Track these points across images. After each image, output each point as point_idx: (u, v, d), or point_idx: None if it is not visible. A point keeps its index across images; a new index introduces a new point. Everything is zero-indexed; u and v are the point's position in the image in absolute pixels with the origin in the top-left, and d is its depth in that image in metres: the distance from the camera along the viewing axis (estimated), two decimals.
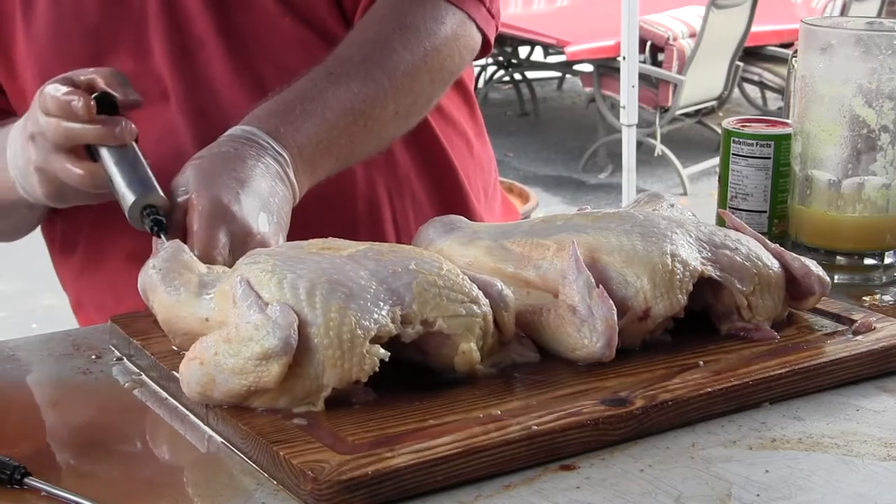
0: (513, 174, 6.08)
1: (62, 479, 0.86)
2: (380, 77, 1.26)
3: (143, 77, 1.28)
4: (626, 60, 4.87)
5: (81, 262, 1.39)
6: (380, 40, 1.28)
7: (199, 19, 1.30)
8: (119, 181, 1.14)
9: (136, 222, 1.13)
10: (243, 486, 0.86)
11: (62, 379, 1.07)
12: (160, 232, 1.11)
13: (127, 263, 1.30)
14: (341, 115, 1.23)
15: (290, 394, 0.91)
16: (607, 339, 0.98)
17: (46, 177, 1.17)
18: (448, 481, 0.84)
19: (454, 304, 0.95)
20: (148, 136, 1.20)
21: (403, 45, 1.27)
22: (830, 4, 7.01)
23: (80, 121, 1.13)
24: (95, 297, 1.39)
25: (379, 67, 1.26)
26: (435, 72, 1.31)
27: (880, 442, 0.91)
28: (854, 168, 1.26)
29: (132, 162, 1.15)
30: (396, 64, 1.27)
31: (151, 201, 1.13)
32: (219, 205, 1.10)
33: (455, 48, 1.33)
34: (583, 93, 7.69)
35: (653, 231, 1.06)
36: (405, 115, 1.31)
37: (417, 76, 1.29)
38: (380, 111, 1.26)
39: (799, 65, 1.29)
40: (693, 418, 0.94)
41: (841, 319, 1.10)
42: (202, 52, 1.30)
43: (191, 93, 1.30)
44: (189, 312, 0.99)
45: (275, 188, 1.15)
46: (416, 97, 1.31)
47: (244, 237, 1.10)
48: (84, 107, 1.13)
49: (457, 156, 1.45)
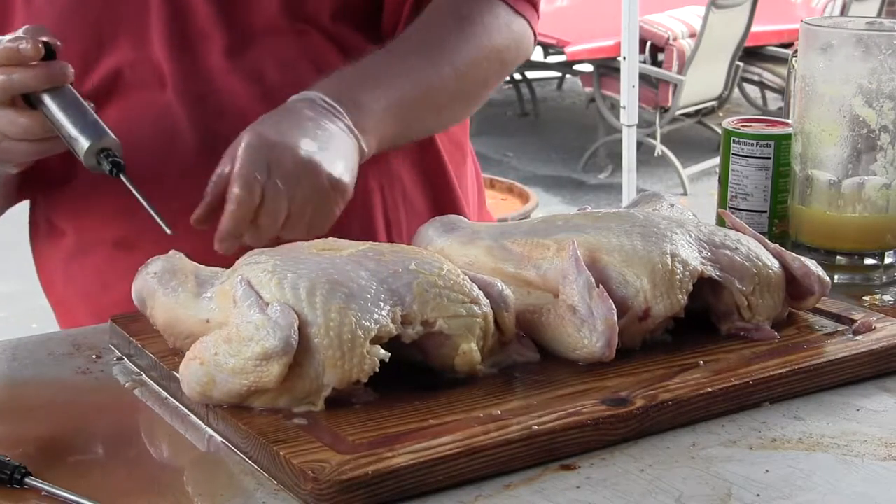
0: (513, 174, 6.08)
1: (62, 479, 0.86)
2: (440, 61, 1.31)
3: (141, 65, 1.30)
4: (626, 60, 4.87)
5: (69, 250, 1.38)
6: (440, 31, 1.33)
7: (200, 12, 1.31)
8: (70, 127, 1.14)
9: (93, 167, 1.14)
10: (243, 486, 0.86)
11: (62, 379, 1.07)
12: (119, 173, 1.12)
13: (114, 251, 1.30)
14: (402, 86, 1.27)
15: (291, 394, 0.91)
16: (607, 339, 0.98)
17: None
18: (448, 481, 0.84)
19: (455, 304, 0.95)
20: (144, 119, 1.21)
21: (464, 38, 1.33)
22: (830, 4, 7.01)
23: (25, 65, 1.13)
24: (81, 286, 1.38)
25: (439, 53, 1.31)
26: (493, 62, 1.37)
27: (880, 442, 0.91)
28: (854, 168, 1.26)
29: (78, 107, 1.15)
30: (455, 52, 1.32)
31: (106, 144, 1.14)
32: (253, 135, 1.11)
33: (512, 44, 1.39)
34: (583, 93, 7.69)
35: (653, 231, 1.06)
36: (464, 100, 1.38)
37: (476, 65, 1.35)
38: (440, 90, 1.31)
39: (799, 65, 1.29)
40: (693, 418, 0.94)
41: (841, 319, 1.10)
42: (202, 44, 1.31)
43: (188, 81, 1.31)
44: (189, 314, 0.99)
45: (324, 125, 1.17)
46: (474, 85, 1.37)
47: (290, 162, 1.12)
48: (33, 48, 1.13)
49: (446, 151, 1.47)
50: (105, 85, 1.31)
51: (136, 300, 1.05)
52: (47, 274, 1.44)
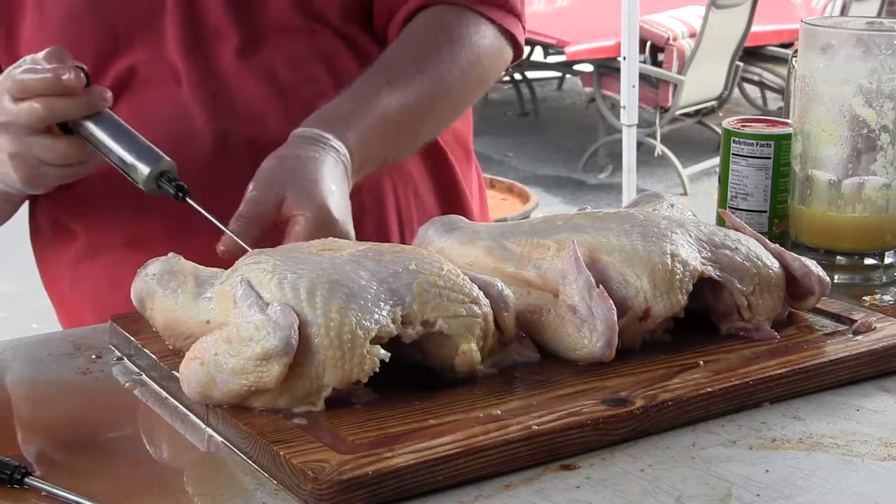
0: (513, 174, 6.08)
1: (62, 479, 0.86)
2: (431, 88, 1.33)
3: (156, 64, 1.31)
4: (626, 60, 4.87)
5: (78, 251, 1.39)
6: (432, 52, 1.35)
7: (214, 11, 1.32)
8: (123, 153, 1.15)
9: (153, 190, 1.15)
10: (243, 486, 0.86)
11: (62, 379, 1.07)
12: (185, 197, 1.13)
13: (126, 252, 1.31)
14: (392, 122, 1.29)
15: (291, 394, 0.91)
16: (607, 339, 0.98)
17: (23, 161, 1.17)
18: (448, 481, 0.84)
19: (455, 304, 0.95)
20: (159, 116, 1.22)
21: (452, 59, 1.35)
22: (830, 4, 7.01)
23: (67, 94, 1.14)
24: (89, 286, 1.38)
25: (430, 79, 1.33)
26: (476, 82, 1.40)
27: (880, 442, 0.91)
28: (854, 168, 1.26)
29: (125, 132, 1.16)
30: (446, 75, 1.34)
31: (165, 168, 1.14)
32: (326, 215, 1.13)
33: (493, 61, 1.41)
34: (583, 93, 7.69)
35: (653, 231, 1.06)
36: (445, 121, 1.41)
37: (462, 87, 1.37)
38: (427, 118, 1.35)
39: (799, 65, 1.29)
40: (693, 418, 0.94)
41: (841, 319, 1.10)
42: (215, 44, 1.33)
43: (202, 79, 1.32)
44: (189, 315, 0.99)
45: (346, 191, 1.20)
46: (457, 105, 1.41)
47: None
48: (76, 78, 1.14)
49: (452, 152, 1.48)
50: (120, 83, 1.32)
51: (135, 302, 1.05)
52: (52, 275, 1.44)
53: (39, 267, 1.46)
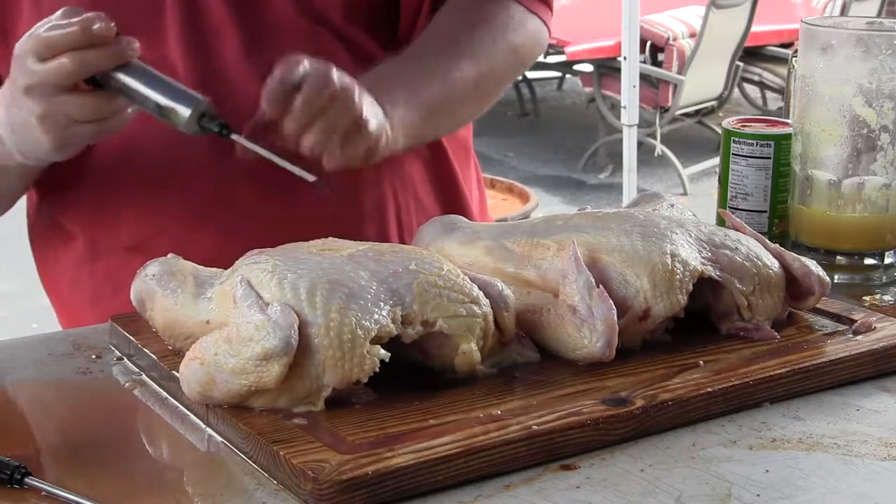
0: (513, 174, 6.08)
1: (62, 479, 0.86)
2: (460, 61, 1.34)
3: (157, 63, 1.30)
4: (626, 60, 4.86)
5: (80, 254, 1.38)
6: (458, 32, 1.36)
7: (215, 11, 1.32)
8: (160, 98, 1.14)
9: (195, 132, 1.14)
10: (243, 486, 0.86)
11: (62, 379, 1.07)
12: (230, 133, 1.13)
13: (128, 255, 1.30)
14: (426, 85, 1.30)
15: (291, 394, 0.91)
16: (607, 339, 0.98)
17: (54, 122, 1.15)
18: (448, 481, 0.84)
19: (455, 304, 0.95)
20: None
21: (481, 37, 1.37)
22: (830, 4, 7.01)
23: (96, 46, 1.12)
24: (90, 289, 1.38)
25: (459, 53, 1.34)
26: (510, 60, 1.41)
27: (880, 442, 0.91)
28: (854, 168, 1.26)
29: (158, 78, 1.15)
30: (474, 51, 1.35)
31: (204, 108, 1.14)
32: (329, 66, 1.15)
33: (528, 41, 1.43)
34: (583, 93, 7.68)
35: (653, 231, 1.06)
36: (482, 98, 1.41)
37: (494, 64, 1.38)
38: (461, 89, 1.35)
39: (799, 65, 1.29)
40: (693, 418, 0.94)
41: (841, 319, 1.10)
42: (217, 44, 1.32)
43: (203, 79, 1.31)
44: (189, 315, 0.99)
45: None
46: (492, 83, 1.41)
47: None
48: (107, 27, 1.12)
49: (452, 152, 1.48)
50: None
51: (135, 302, 1.05)
52: (52, 276, 1.44)
53: (39, 268, 1.46)
